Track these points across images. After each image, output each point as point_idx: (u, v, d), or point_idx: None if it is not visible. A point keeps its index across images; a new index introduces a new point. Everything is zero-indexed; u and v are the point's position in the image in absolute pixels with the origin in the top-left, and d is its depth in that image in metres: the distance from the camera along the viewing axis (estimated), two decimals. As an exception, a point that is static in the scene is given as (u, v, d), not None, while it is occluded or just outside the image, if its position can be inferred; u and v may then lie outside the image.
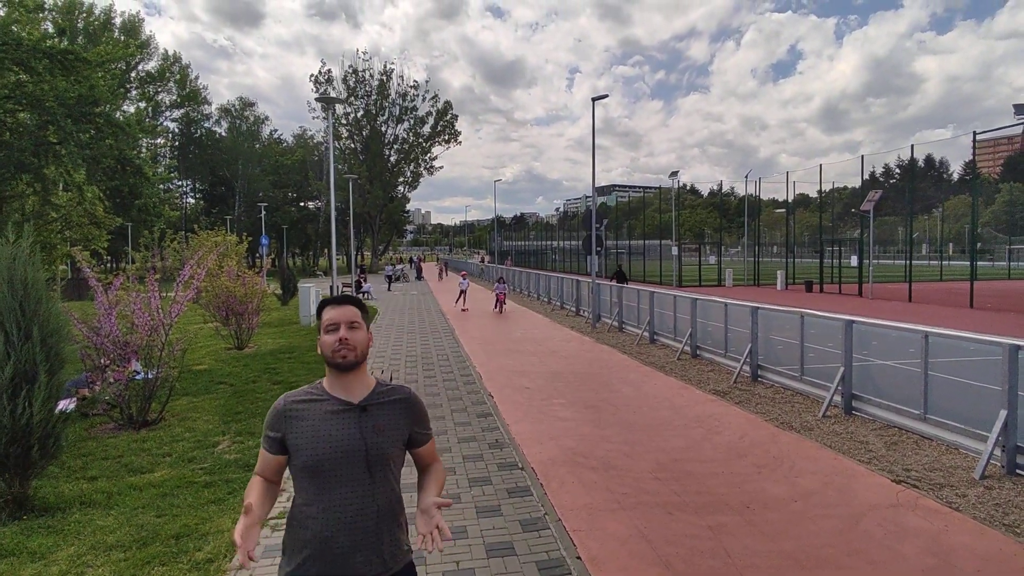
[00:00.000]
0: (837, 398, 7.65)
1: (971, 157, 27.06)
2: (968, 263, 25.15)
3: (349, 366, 1.96)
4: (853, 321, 7.70)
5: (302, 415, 1.94)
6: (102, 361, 7.61)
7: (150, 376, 7.62)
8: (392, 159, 65.17)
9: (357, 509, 1.89)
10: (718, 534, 4.38)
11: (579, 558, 4.06)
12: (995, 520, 4.61)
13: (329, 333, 1.98)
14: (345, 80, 61.47)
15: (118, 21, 52.42)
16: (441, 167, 76.84)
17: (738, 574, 3.83)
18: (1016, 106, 20.09)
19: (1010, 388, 5.48)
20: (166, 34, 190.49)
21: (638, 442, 6.57)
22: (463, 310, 20.83)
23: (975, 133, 22.81)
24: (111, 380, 7.35)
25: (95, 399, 7.62)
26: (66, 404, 6.22)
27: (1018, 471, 5.47)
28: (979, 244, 47.64)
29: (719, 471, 5.68)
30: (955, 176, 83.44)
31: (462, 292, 22.02)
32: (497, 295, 20.48)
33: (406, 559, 2.02)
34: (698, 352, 11.61)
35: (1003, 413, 5.48)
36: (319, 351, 2.02)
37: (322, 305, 2.07)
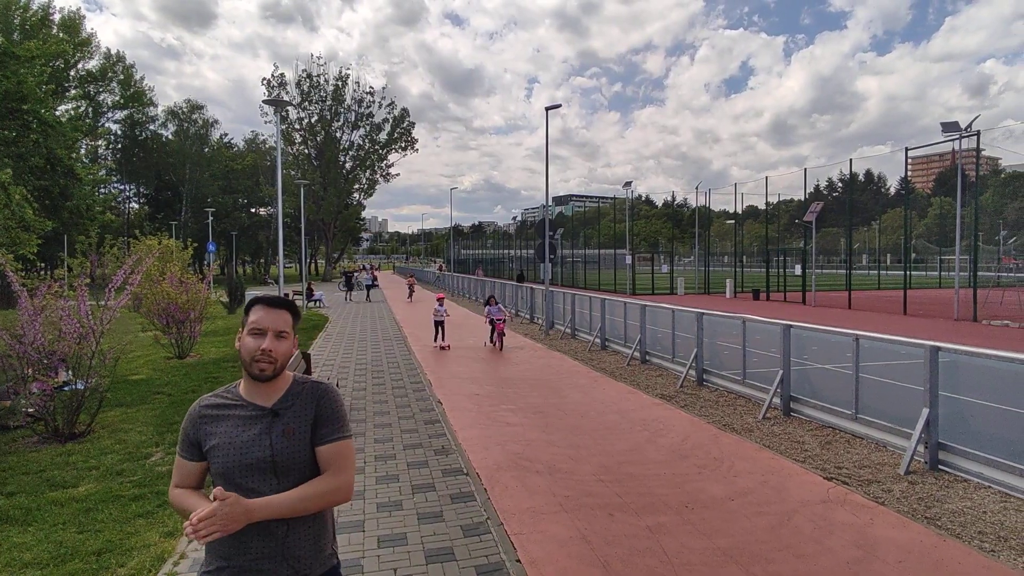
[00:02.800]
0: (776, 400, 7.90)
1: (906, 173, 28.57)
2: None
3: (265, 379, 1.86)
4: (791, 325, 7.98)
5: (216, 420, 1.86)
6: (27, 371, 7.19)
7: (79, 387, 7.25)
8: (347, 165, 64.32)
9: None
10: (656, 534, 4.44)
11: (518, 561, 4.05)
12: (917, 513, 4.83)
13: (253, 336, 1.85)
14: (299, 84, 60.48)
15: (56, 18, 50.17)
16: (398, 174, 76.42)
17: (673, 572, 3.89)
18: (943, 124, 21.30)
19: (931, 387, 5.76)
20: (108, 32, 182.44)
21: (583, 446, 6.62)
22: (442, 348, 13.92)
23: (907, 149, 24.14)
24: (34, 390, 6.95)
25: (14, 409, 7.18)
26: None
27: (940, 467, 5.75)
28: (914, 255, 50.24)
29: (661, 472, 5.77)
30: (892, 190, 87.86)
31: (438, 325, 14.36)
32: (495, 322, 13.99)
33: (328, 564, 1.92)
34: (647, 358, 11.81)
35: (925, 411, 5.75)
36: (236, 347, 1.90)
37: (252, 302, 1.92)
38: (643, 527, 4.55)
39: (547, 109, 18.20)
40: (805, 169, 30.52)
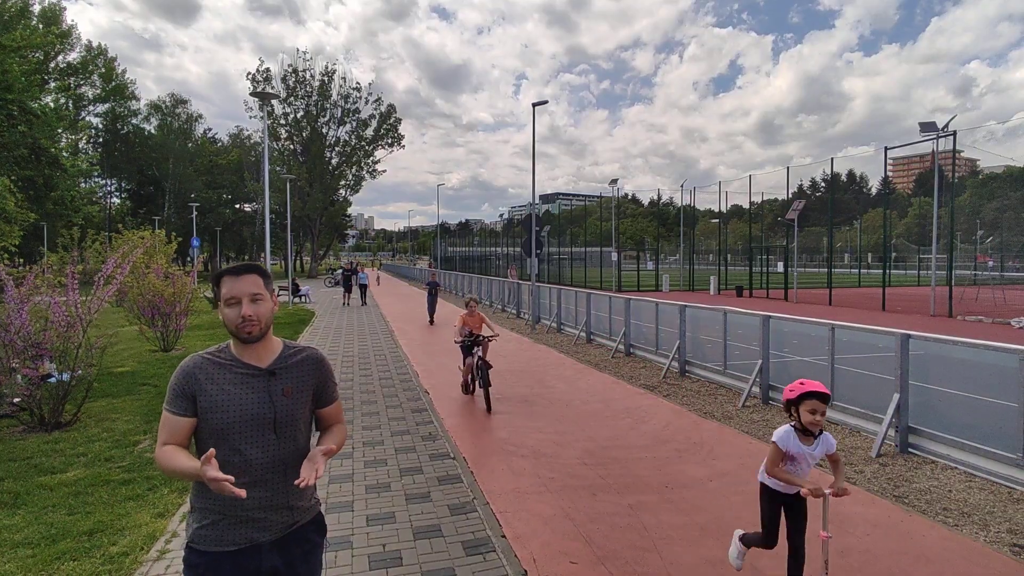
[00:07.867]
0: (756, 389, 8.11)
1: (886, 173, 29.12)
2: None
3: (255, 341, 1.94)
4: (770, 317, 8.19)
5: (211, 378, 1.91)
6: (12, 363, 7.18)
7: (64, 378, 7.25)
8: (333, 162, 64.00)
9: (265, 468, 1.93)
10: (637, 511, 4.59)
11: (504, 536, 4.18)
12: (886, 492, 5.04)
13: (230, 307, 1.90)
14: (284, 79, 60.05)
15: (36, 8, 49.38)
16: (384, 171, 75.50)
17: (652, 545, 4.05)
18: (921, 124, 21.74)
19: (902, 373, 5.99)
20: (84, 21, 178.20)
21: (568, 432, 6.77)
22: None
23: (886, 149, 24.57)
24: (19, 380, 6.95)
25: None
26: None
27: (909, 449, 5.97)
28: (894, 254, 51.14)
29: (643, 456, 5.93)
30: (873, 190, 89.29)
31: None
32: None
33: (314, 511, 2.09)
34: (631, 350, 12.00)
35: (896, 396, 5.98)
36: (221, 320, 1.96)
37: (219, 275, 1.96)
38: (624, 505, 4.71)
39: (534, 105, 18.33)
40: (788, 168, 30.93)
